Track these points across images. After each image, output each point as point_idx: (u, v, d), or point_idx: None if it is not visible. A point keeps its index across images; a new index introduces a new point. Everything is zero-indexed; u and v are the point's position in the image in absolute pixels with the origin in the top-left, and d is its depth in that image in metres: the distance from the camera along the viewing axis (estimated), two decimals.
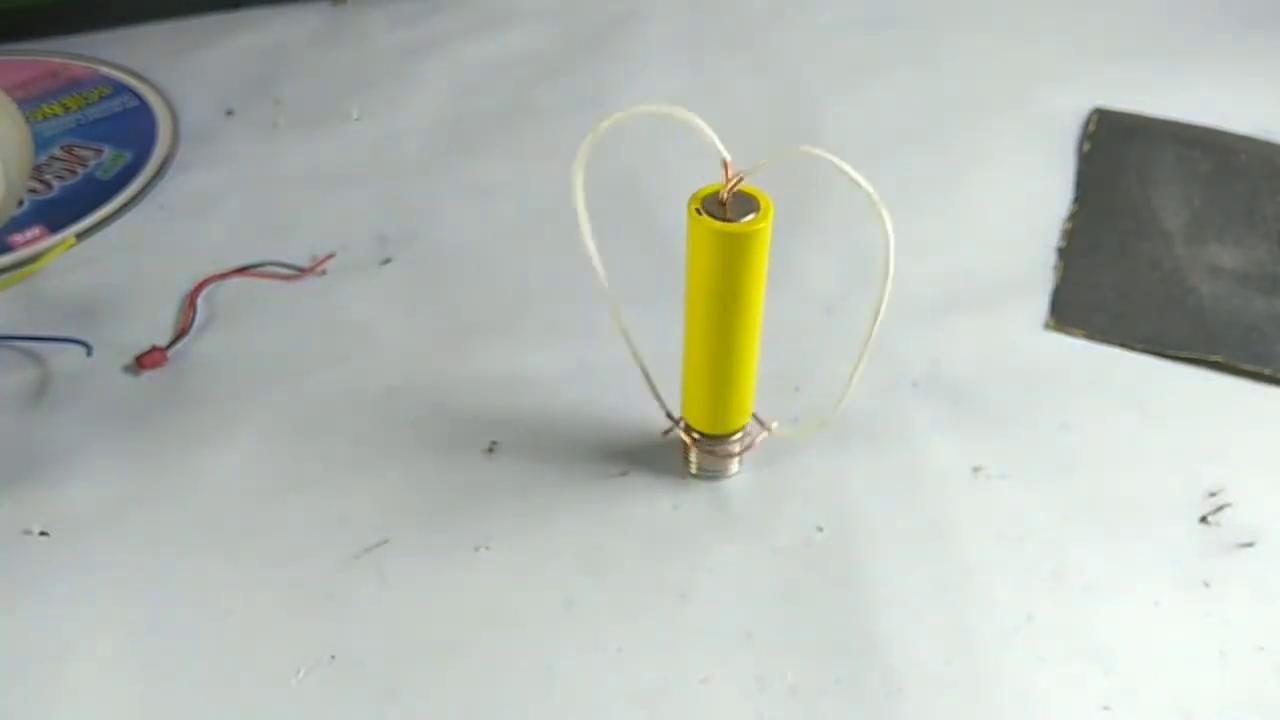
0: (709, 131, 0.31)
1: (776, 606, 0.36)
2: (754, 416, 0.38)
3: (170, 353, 0.44)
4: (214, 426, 0.41)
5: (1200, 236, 0.49)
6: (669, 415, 0.39)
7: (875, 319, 0.34)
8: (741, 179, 0.32)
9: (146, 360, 0.43)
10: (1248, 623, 0.35)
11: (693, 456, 0.39)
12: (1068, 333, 0.45)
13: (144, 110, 0.57)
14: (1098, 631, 0.35)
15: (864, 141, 0.55)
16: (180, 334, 0.45)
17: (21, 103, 0.52)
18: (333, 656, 0.34)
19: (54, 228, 0.50)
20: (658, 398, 0.38)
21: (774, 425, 0.38)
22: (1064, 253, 0.48)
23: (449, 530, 0.38)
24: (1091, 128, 0.55)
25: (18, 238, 0.49)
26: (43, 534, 0.38)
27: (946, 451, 0.40)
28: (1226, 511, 0.38)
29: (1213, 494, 0.39)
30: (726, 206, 0.32)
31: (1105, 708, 0.33)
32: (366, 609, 0.36)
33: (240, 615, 0.35)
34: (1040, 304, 0.46)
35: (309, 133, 0.56)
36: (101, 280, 0.47)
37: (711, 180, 0.33)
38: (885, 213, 0.31)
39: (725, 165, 0.31)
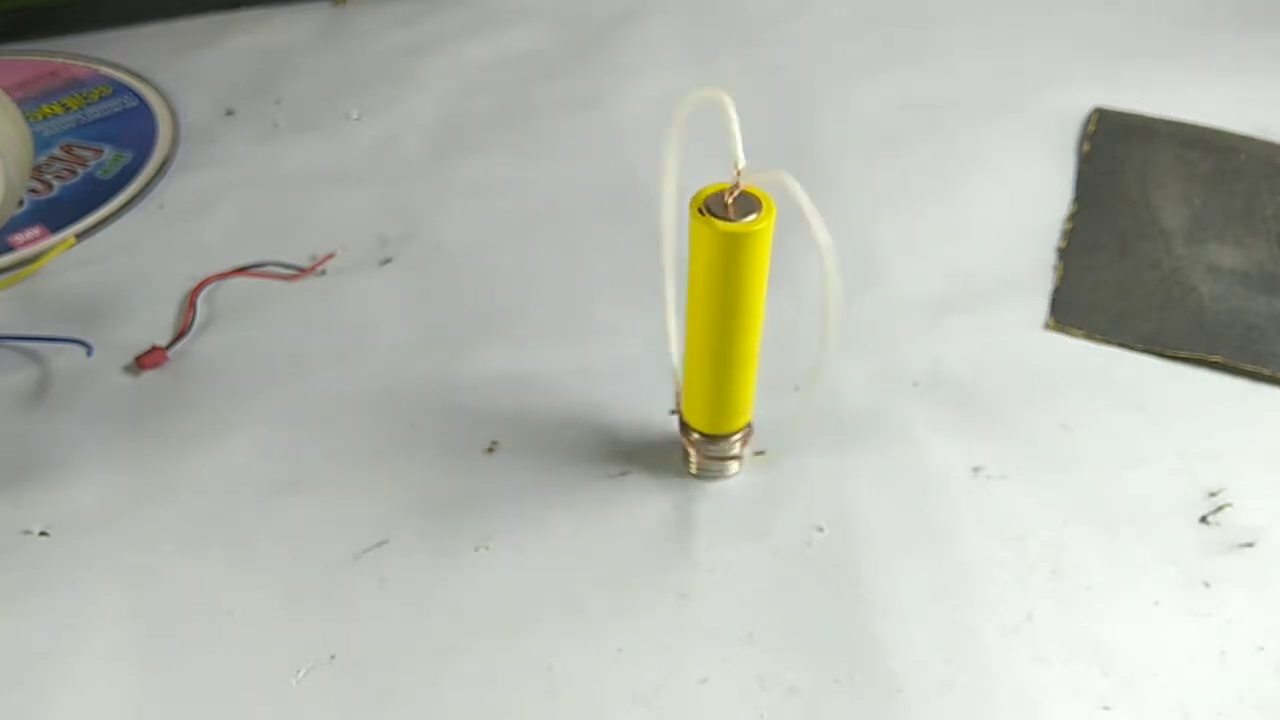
0: (735, 130, 0.30)
1: (776, 606, 0.36)
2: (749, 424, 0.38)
3: (170, 353, 0.44)
4: (214, 426, 0.41)
5: (1200, 236, 0.49)
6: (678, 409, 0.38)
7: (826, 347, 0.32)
8: (739, 187, 0.31)
9: (146, 360, 0.43)
10: (1248, 623, 0.35)
11: (693, 456, 0.39)
12: (1068, 333, 0.45)
13: (144, 110, 0.57)
14: (1098, 631, 0.35)
15: (864, 141, 0.55)
16: (180, 334, 0.45)
17: (21, 103, 0.52)
18: (333, 656, 0.34)
19: (54, 228, 0.50)
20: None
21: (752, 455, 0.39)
22: (1064, 253, 0.48)
23: (449, 530, 0.38)
24: (1091, 128, 0.55)
25: (18, 238, 0.49)
26: (43, 534, 0.38)
27: (946, 451, 0.40)
28: (1226, 511, 0.38)
29: (1213, 494, 0.39)
30: (730, 208, 0.32)
31: (1105, 708, 0.33)
32: (366, 609, 0.36)
33: (240, 615, 0.35)
34: (1040, 304, 0.46)
35: (309, 133, 0.56)
36: (101, 280, 0.47)
37: (713, 181, 0.32)
38: (830, 260, 0.30)
39: (738, 171, 0.31)
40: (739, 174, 0.31)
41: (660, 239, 0.33)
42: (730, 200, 0.32)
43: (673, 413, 0.39)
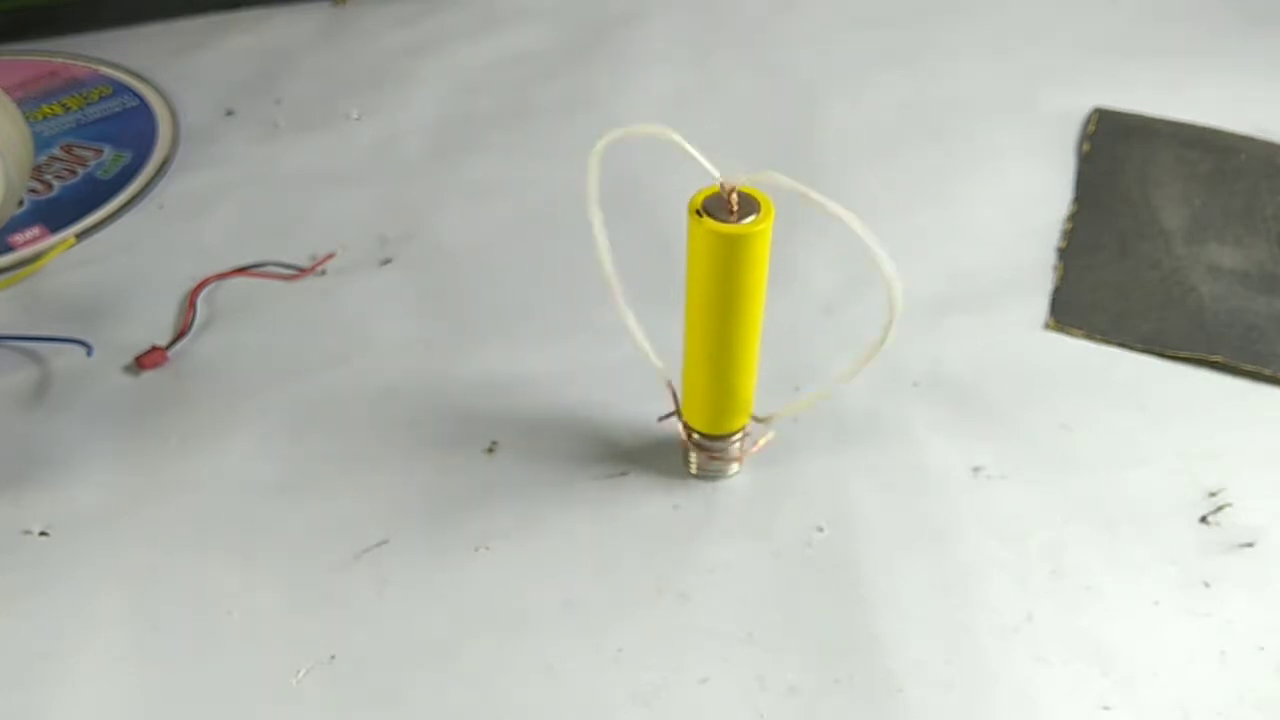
0: (694, 152, 0.31)
1: (776, 606, 0.36)
2: (753, 417, 0.38)
3: (170, 353, 0.44)
4: (214, 426, 0.41)
5: (1200, 236, 0.49)
6: (677, 408, 0.38)
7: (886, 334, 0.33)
8: (735, 189, 0.31)
9: (146, 360, 0.43)
10: (1248, 623, 0.35)
11: (693, 456, 0.39)
12: (1067, 333, 0.45)
13: (144, 110, 0.57)
14: (1098, 631, 0.35)
15: (864, 142, 0.55)
16: (180, 334, 0.45)
17: (21, 103, 0.52)
18: (333, 656, 0.34)
19: (54, 228, 0.50)
20: (673, 393, 0.38)
21: (772, 420, 0.38)
22: (1064, 253, 0.48)
23: (449, 530, 0.38)
24: (1091, 128, 0.55)
25: (18, 238, 0.49)
26: (43, 534, 0.38)
27: (946, 451, 0.40)
28: (1226, 511, 0.38)
29: (1213, 494, 0.39)
30: (732, 213, 0.32)
31: (1105, 708, 0.33)
32: (366, 609, 0.36)
33: (240, 615, 0.35)
34: (1040, 304, 0.46)
35: (309, 133, 0.56)
36: (101, 280, 0.47)
37: (711, 182, 0.32)
38: (872, 240, 0.30)
39: (722, 187, 0.31)
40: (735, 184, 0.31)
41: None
42: (734, 208, 0.32)
43: (662, 419, 0.39)
